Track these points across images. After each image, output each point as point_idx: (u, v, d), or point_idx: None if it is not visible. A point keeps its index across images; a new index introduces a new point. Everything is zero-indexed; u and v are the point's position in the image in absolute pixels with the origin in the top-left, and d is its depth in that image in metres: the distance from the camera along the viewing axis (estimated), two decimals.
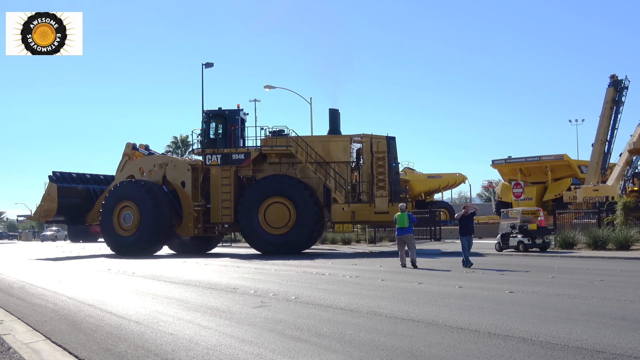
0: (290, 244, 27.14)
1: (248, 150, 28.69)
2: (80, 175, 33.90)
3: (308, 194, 27.29)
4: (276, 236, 27.30)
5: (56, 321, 9.34)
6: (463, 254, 17.46)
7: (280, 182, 27.70)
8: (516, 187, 25.88)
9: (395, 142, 28.34)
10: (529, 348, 6.42)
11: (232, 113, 29.64)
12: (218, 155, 28.75)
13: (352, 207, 26.99)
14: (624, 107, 41.07)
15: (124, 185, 29.91)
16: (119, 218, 29.70)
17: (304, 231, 27.18)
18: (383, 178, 26.91)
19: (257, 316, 9.03)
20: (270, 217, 27.43)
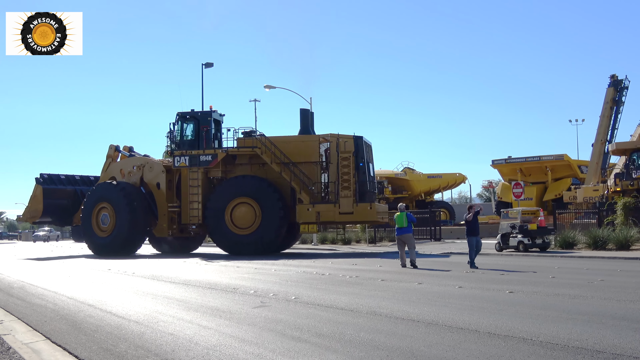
0: (257, 244, 27.24)
1: (215, 152, 28.95)
2: (69, 177, 34.36)
3: (273, 194, 27.39)
4: (242, 236, 27.51)
5: (56, 321, 9.34)
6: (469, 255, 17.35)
7: (246, 183, 27.93)
8: (516, 187, 25.89)
9: (363, 142, 28.12)
10: (529, 348, 6.42)
11: (204, 115, 30.03)
12: (186, 157, 29.17)
13: (317, 207, 26.94)
14: (624, 107, 41.08)
15: (101, 187, 30.49)
16: (97, 219, 30.14)
17: (269, 231, 27.29)
18: (348, 178, 26.78)
19: (257, 316, 9.03)
20: (237, 217, 27.68)
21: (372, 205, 26.59)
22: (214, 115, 30.40)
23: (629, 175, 31.48)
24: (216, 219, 27.83)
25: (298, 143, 28.62)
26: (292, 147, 28.39)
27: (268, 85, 38.19)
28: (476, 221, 17.86)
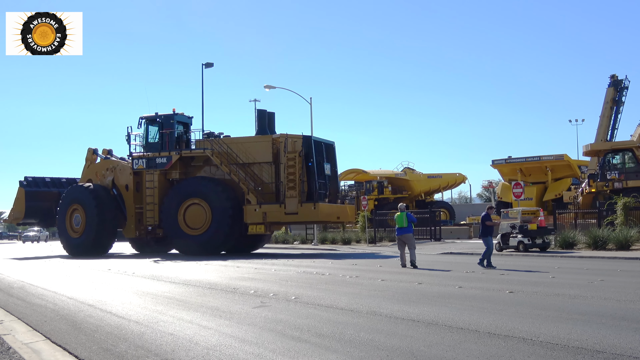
0: (208, 244, 27.68)
1: (170, 155, 29.57)
2: (54, 180, 35.38)
3: (222, 195, 27.69)
4: (194, 236, 27.94)
5: (56, 321, 9.34)
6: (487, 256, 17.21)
7: (197, 184, 28.41)
8: (516, 187, 25.83)
9: (314, 141, 28.12)
10: (529, 348, 6.42)
11: (167, 118, 30.46)
12: (144, 159, 30.04)
13: (263, 208, 27.16)
14: (624, 107, 41.11)
15: (73, 190, 31.34)
16: (70, 221, 31.06)
17: (219, 231, 27.62)
18: (293, 178, 26.82)
19: (257, 316, 9.03)
20: (190, 218, 28.13)
21: (316, 205, 26.42)
22: (180, 117, 31.08)
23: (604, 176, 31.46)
24: (170, 219, 28.44)
25: (253, 144, 28.94)
26: (247, 148, 28.77)
27: (268, 85, 38.19)
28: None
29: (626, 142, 32.57)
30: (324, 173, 28.42)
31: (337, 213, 28.80)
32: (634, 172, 31.21)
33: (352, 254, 26.91)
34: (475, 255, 22.47)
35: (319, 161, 28.10)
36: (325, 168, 28.54)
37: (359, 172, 52.15)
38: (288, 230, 44.27)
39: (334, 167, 29.86)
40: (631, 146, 31.81)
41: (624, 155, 32.08)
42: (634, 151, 31.53)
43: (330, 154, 29.51)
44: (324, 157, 28.64)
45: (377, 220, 37.69)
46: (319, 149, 28.51)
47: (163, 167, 29.50)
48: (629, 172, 31.42)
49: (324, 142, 29.20)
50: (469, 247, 27.46)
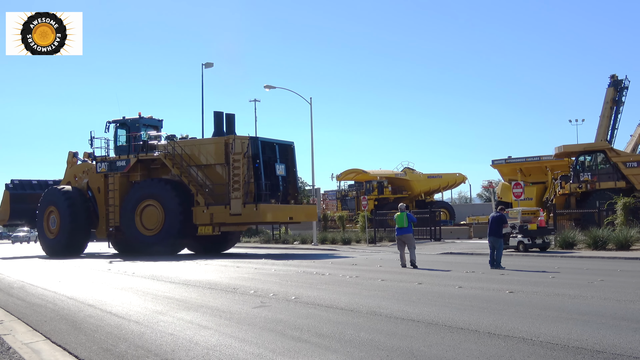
0: (161, 244, 28.30)
1: (128, 158, 30.28)
2: (40, 182, 36.36)
3: (174, 196, 28.13)
4: (149, 237, 28.60)
5: (56, 321, 9.34)
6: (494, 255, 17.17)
7: (151, 186, 29.00)
8: (516, 187, 25.81)
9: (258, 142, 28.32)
10: (529, 348, 6.42)
11: (133, 121, 31.24)
12: (106, 162, 30.90)
13: (211, 209, 27.46)
14: (624, 107, 41.14)
15: (49, 193, 32.30)
16: (47, 222, 31.97)
17: (172, 232, 28.15)
18: (238, 180, 27.04)
19: (257, 316, 9.03)
20: (145, 219, 28.78)
21: (258, 206, 26.59)
22: (148, 121, 31.80)
23: (577, 177, 31.39)
24: (128, 220, 29.17)
25: (206, 146, 29.31)
26: (201, 150, 29.22)
27: (268, 86, 38.21)
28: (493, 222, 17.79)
29: (598, 143, 32.50)
30: (276, 173, 28.77)
31: (288, 213, 28.98)
32: (606, 174, 31.11)
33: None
34: (475, 255, 22.49)
35: (268, 162, 28.49)
36: (277, 169, 28.87)
37: (359, 172, 52.14)
38: (288, 230, 44.30)
39: (292, 167, 30.18)
40: (603, 148, 31.72)
41: (596, 156, 31.97)
42: (606, 153, 31.42)
43: (286, 155, 29.88)
44: (276, 158, 28.98)
45: (377, 220, 37.68)
46: (269, 149, 28.94)
47: (123, 169, 30.32)
48: (602, 173, 31.33)
49: (278, 143, 29.68)
50: (469, 247, 27.47)
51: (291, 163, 30.03)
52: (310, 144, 38.02)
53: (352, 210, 49.47)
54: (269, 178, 28.20)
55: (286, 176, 29.46)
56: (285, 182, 29.38)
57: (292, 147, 30.46)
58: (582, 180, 31.24)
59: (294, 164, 30.26)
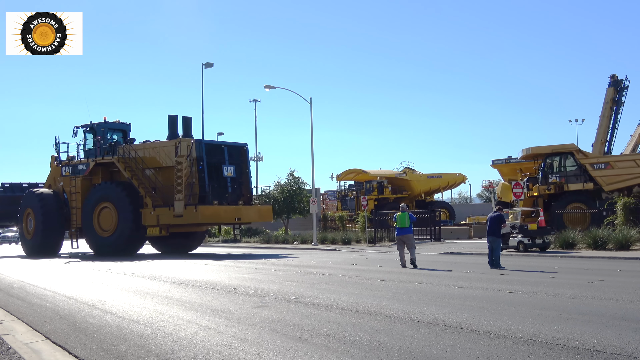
0: (114, 245, 29.15)
1: (88, 161, 31.48)
2: (31, 185, 37.65)
3: (126, 199, 28.99)
4: (105, 238, 29.59)
5: (56, 321, 9.34)
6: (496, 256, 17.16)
7: (106, 189, 30.05)
8: (516, 187, 25.82)
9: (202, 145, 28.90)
10: (529, 348, 6.42)
11: (99, 126, 32.22)
12: (70, 167, 32.22)
13: (157, 211, 28.08)
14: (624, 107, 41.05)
15: (27, 195, 33.52)
16: (26, 223, 33.18)
17: (124, 233, 29.02)
18: (180, 182, 27.65)
19: (257, 316, 9.04)
20: (102, 220, 29.85)
21: (197, 208, 27.17)
22: (115, 125, 32.65)
23: (545, 179, 31.25)
24: (87, 222, 30.21)
25: (158, 149, 30.01)
26: (154, 153, 29.97)
27: (268, 86, 38.20)
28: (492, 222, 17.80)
29: (566, 145, 32.15)
30: (223, 175, 29.31)
31: (235, 214, 29.47)
32: (574, 175, 31.00)
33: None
34: (475, 255, 22.49)
35: (214, 164, 29.06)
36: (225, 170, 29.40)
37: (359, 172, 52.12)
38: (288, 231, 44.33)
39: (245, 168, 30.77)
40: (571, 149, 31.45)
41: (564, 158, 31.87)
42: (574, 154, 31.20)
43: (238, 157, 30.44)
44: (225, 160, 29.53)
45: (377, 220, 37.68)
46: (217, 152, 29.62)
47: (83, 173, 31.44)
48: (570, 175, 31.18)
49: (228, 145, 30.41)
50: (469, 247, 27.46)
51: (244, 165, 30.78)
52: (310, 144, 38.02)
53: (352, 210, 49.47)
54: (215, 180, 28.92)
55: (236, 177, 30.04)
56: (235, 183, 30.01)
57: (245, 149, 31.20)
58: (550, 182, 31.08)
59: (247, 166, 31.08)
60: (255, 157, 71.93)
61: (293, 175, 43.82)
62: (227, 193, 29.21)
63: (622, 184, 30.60)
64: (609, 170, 30.52)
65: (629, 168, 30.63)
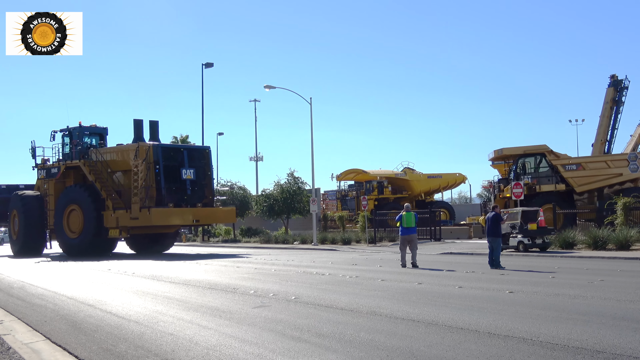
0: (80, 245, 29.95)
1: (59, 165, 32.49)
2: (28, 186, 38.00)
3: (90, 202, 29.84)
4: (73, 239, 30.45)
5: (56, 321, 9.34)
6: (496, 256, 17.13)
7: (74, 192, 30.88)
8: (516, 187, 25.82)
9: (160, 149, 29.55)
10: (529, 348, 6.42)
11: (74, 130, 32.88)
12: (44, 170, 33.24)
13: (117, 213, 28.89)
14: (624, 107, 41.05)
15: (13, 198, 34.60)
16: (13, 224, 34.35)
17: (89, 234, 29.85)
18: (137, 185, 28.31)
19: (257, 316, 9.04)
20: (71, 222, 30.74)
21: (150, 210, 27.81)
22: (91, 129, 33.39)
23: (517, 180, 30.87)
24: (58, 223, 31.05)
25: (122, 152, 30.80)
26: (118, 157, 30.76)
27: (268, 86, 38.20)
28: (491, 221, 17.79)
29: (538, 146, 31.80)
30: (182, 178, 29.92)
31: (193, 216, 30.01)
32: (546, 177, 30.72)
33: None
34: (475, 255, 22.49)
35: (172, 167, 29.68)
36: (184, 173, 29.99)
37: (359, 172, 52.08)
38: (288, 231, 44.33)
39: (207, 171, 31.33)
40: (543, 150, 31.17)
41: (536, 159, 31.61)
42: (545, 155, 30.95)
43: (198, 160, 31.02)
44: (184, 163, 30.05)
45: (377, 220, 37.66)
46: (176, 155, 30.30)
47: (55, 176, 32.36)
48: (542, 176, 30.93)
49: (187, 148, 31.21)
50: (469, 247, 27.46)
51: (206, 167, 31.37)
52: (310, 144, 38.02)
53: (352, 210, 49.43)
54: (172, 182, 29.58)
55: (197, 180, 30.55)
56: (196, 185, 30.54)
57: (207, 152, 31.91)
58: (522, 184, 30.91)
59: (209, 168, 31.62)
60: (255, 157, 72.14)
61: (293, 175, 43.80)
62: (186, 195, 29.93)
63: (593, 185, 30.46)
64: (580, 171, 30.35)
65: (600, 169, 30.45)
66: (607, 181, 30.38)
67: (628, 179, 30.47)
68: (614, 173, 30.21)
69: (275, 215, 43.83)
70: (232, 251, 32.32)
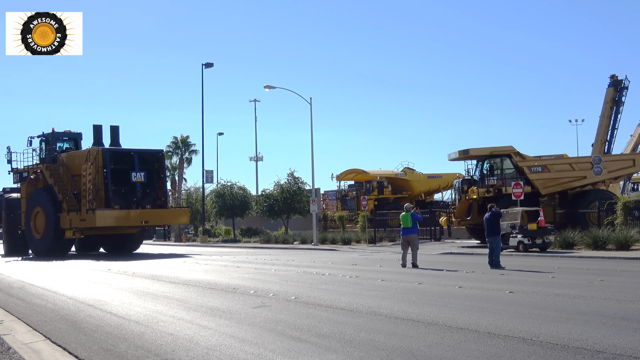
0: (43, 246, 31.33)
1: (28, 170, 33.52)
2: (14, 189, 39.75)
3: (50, 204, 30.98)
4: (38, 240, 31.66)
5: (56, 321, 9.34)
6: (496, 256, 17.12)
7: (39, 195, 32.08)
8: (516, 187, 25.81)
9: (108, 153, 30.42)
10: (529, 348, 6.42)
11: (49, 136, 33.93)
12: (18, 174, 34.38)
13: (70, 215, 29.93)
14: (624, 107, 41.16)
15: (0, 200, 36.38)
16: (4, 226, 35.50)
17: (49, 235, 31.02)
18: (85, 188, 29.54)
19: (257, 316, 9.04)
20: (37, 224, 31.90)
21: (94, 212, 28.87)
22: (67, 134, 34.58)
23: (482, 182, 30.37)
24: (27, 225, 32.33)
25: (78, 157, 31.77)
26: (78, 161, 31.36)
27: (268, 86, 38.20)
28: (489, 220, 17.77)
29: (504, 147, 30.98)
30: (132, 181, 30.73)
31: (141, 218, 30.82)
32: (511, 179, 29.69)
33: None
34: (475, 255, 22.51)
35: (121, 170, 30.57)
36: (133, 176, 30.80)
37: (359, 172, 52.07)
38: (288, 231, 44.33)
39: (160, 174, 32.31)
40: (509, 152, 30.25)
41: (502, 160, 30.85)
42: (511, 156, 30.18)
43: (150, 162, 31.83)
44: (134, 166, 30.84)
45: (377, 220, 37.65)
46: (125, 159, 31.19)
47: (25, 180, 33.37)
48: (507, 178, 30.09)
49: (138, 152, 31.83)
50: (469, 247, 27.47)
51: (160, 170, 32.30)
52: (310, 144, 38.02)
53: (352, 210, 49.41)
54: (121, 185, 30.39)
55: (148, 182, 31.41)
56: (148, 187, 31.40)
57: (160, 155, 32.78)
58: (488, 185, 30.09)
59: (162, 171, 32.73)
60: (255, 157, 72.11)
61: (293, 175, 43.78)
62: (136, 197, 30.85)
63: (559, 187, 30.06)
64: (545, 173, 29.85)
65: (565, 172, 29.95)
66: (571, 183, 30.02)
67: (592, 181, 30.20)
68: (578, 176, 29.83)
69: (275, 215, 43.82)
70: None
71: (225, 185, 48.62)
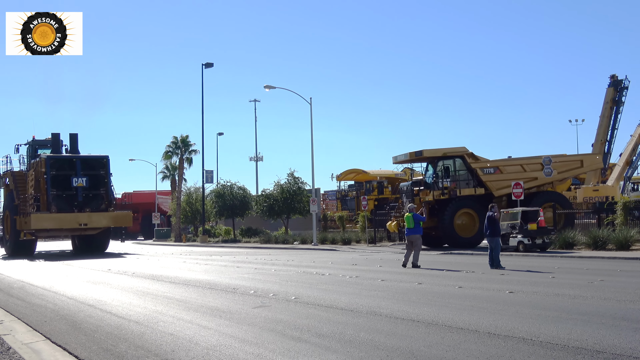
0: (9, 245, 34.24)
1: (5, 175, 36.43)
2: None
3: (13, 208, 33.50)
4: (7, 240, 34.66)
5: (56, 321, 9.34)
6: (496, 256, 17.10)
7: (7, 199, 35.18)
8: (516, 187, 25.80)
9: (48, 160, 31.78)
10: (529, 348, 6.42)
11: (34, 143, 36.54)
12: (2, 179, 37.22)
13: (24, 218, 31.62)
14: (624, 107, 41.20)
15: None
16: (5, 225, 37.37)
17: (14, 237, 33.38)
18: (32, 192, 31.72)
19: (257, 316, 9.04)
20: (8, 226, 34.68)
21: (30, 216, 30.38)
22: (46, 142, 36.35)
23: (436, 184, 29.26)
24: (4, 226, 35.63)
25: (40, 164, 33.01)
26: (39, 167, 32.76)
27: (268, 86, 38.20)
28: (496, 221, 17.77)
29: (457, 148, 30.24)
30: (73, 186, 32.04)
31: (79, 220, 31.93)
32: (464, 181, 29.59)
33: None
34: (475, 255, 22.52)
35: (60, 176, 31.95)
36: (75, 181, 32.14)
37: (359, 172, 52.10)
38: (288, 231, 44.32)
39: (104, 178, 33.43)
40: (462, 153, 29.73)
41: (455, 162, 30.12)
42: (464, 158, 29.63)
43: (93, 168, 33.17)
44: (76, 172, 32.20)
45: (377, 220, 37.64)
46: (67, 165, 32.52)
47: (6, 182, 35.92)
48: (461, 179, 29.73)
49: (80, 158, 33.19)
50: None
51: (104, 174, 33.49)
52: (310, 144, 38.01)
53: (352, 210, 49.42)
54: (62, 190, 31.76)
55: (90, 187, 32.57)
56: (90, 192, 32.57)
57: (104, 161, 33.81)
58: (441, 187, 29.30)
59: (106, 176, 33.75)
60: (255, 157, 72.11)
61: (293, 175, 43.77)
62: (77, 202, 32.16)
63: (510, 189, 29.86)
64: (498, 175, 29.38)
65: (517, 173, 29.35)
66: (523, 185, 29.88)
67: (543, 182, 29.99)
68: (530, 177, 29.50)
69: (275, 215, 43.81)
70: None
71: (225, 185, 48.63)
